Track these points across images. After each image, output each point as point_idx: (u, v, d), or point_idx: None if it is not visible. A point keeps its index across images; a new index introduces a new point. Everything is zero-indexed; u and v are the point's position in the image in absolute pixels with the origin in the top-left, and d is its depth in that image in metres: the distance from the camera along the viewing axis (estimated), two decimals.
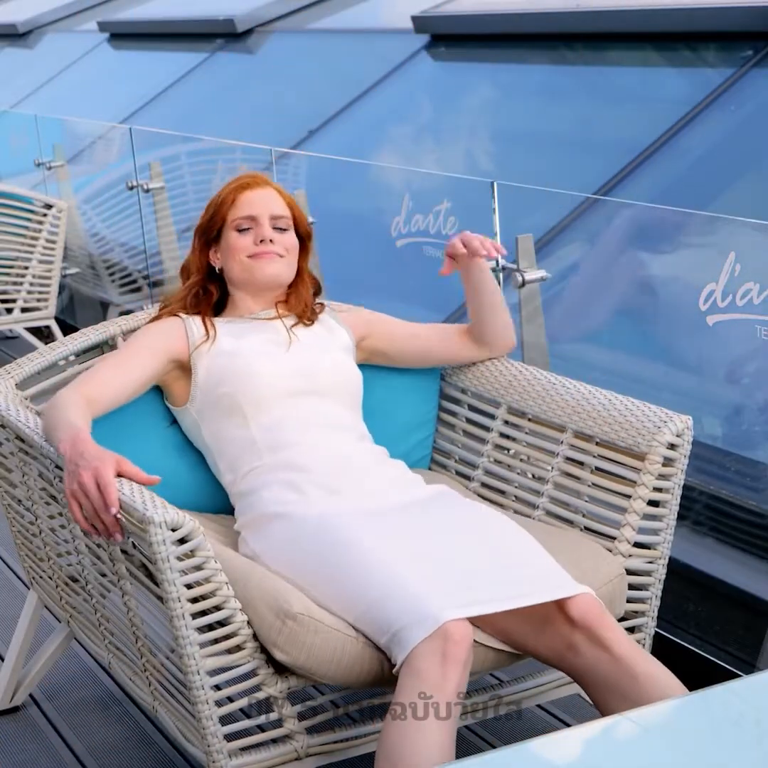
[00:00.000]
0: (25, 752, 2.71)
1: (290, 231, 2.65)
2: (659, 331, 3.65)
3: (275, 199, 2.65)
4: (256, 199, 2.63)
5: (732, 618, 3.05)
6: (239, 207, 2.62)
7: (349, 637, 2.12)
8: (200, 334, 2.58)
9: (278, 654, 2.11)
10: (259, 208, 2.62)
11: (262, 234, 2.59)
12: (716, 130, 4.62)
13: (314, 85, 6.84)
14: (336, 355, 2.61)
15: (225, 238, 2.63)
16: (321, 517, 2.31)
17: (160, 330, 2.60)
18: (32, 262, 5.55)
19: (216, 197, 2.67)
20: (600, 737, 1.54)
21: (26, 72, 9.58)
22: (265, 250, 2.59)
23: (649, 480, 2.37)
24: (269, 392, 2.49)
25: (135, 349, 2.54)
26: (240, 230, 2.61)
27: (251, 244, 2.60)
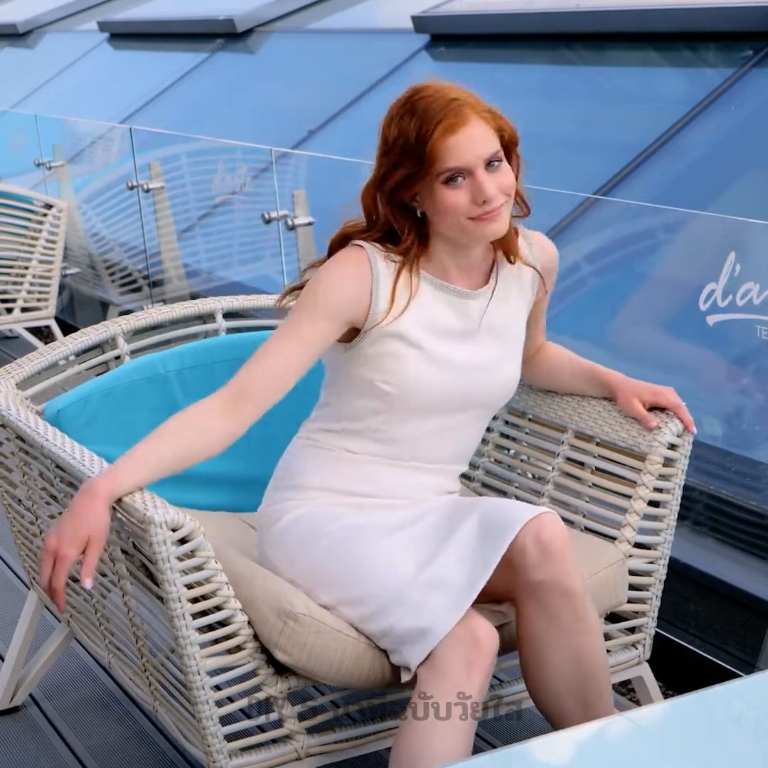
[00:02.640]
0: (25, 752, 2.71)
1: (504, 161, 2.18)
2: (659, 331, 3.64)
3: (484, 134, 2.15)
4: (462, 143, 2.13)
5: (732, 618, 3.05)
6: (444, 158, 2.13)
7: (351, 638, 2.12)
8: (384, 306, 2.21)
9: (279, 654, 2.11)
10: (470, 157, 2.13)
11: (484, 194, 2.13)
12: (716, 130, 4.62)
13: (314, 85, 6.84)
14: (515, 365, 2.35)
15: (431, 191, 2.16)
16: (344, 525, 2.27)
17: (344, 288, 2.19)
18: (32, 262, 5.55)
19: (408, 139, 2.15)
20: (600, 737, 1.54)
21: (26, 72, 9.58)
22: (489, 210, 2.15)
23: (650, 480, 2.37)
24: (427, 404, 2.27)
25: (308, 325, 2.17)
26: (449, 182, 2.15)
27: (469, 202, 2.14)
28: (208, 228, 5.68)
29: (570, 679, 2.16)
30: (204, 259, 5.76)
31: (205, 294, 4.99)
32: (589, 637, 2.16)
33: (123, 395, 2.68)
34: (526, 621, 2.16)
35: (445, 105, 2.14)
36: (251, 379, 2.16)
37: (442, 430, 2.30)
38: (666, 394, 2.40)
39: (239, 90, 7.45)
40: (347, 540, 2.22)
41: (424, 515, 2.29)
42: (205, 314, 2.89)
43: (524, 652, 2.19)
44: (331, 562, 2.21)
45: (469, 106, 2.15)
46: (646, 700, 2.50)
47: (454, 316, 2.27)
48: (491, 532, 2.15)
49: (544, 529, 2.12)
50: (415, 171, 2.14)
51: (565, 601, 2.12)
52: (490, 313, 2.30)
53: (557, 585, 2.11)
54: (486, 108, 2.17)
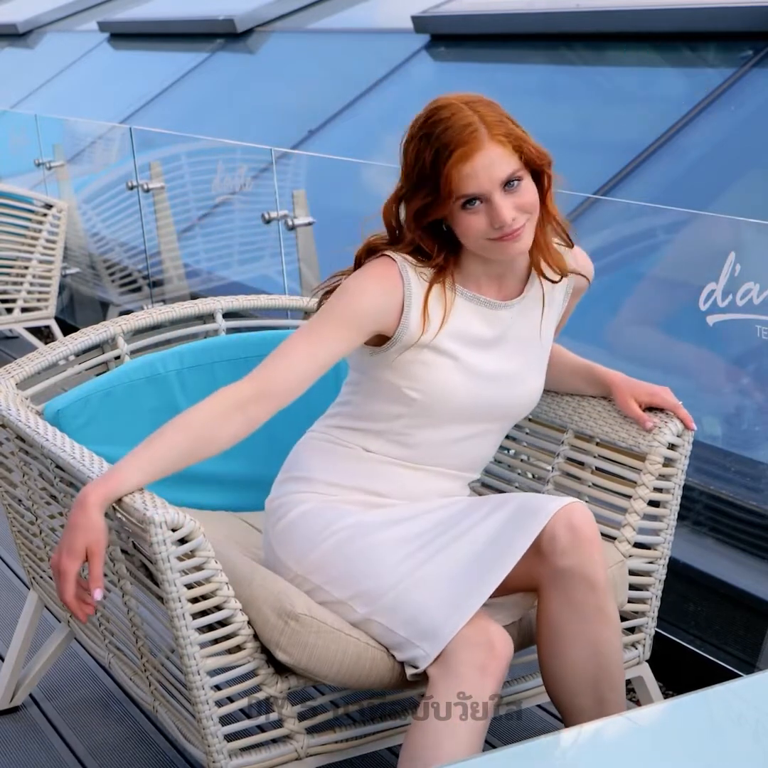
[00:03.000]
0: (25, 752, 2.71)
1: (525, 179, 2.16)
2: (659, 331, 3.64)
3: (499, 158, 2.13)
4: (476, 171, 2.12)
5: (732, 618, 3.05)
6: (459, 186, 2.13)
7: (352, 638, 2.12)
8: (416, 319, 2.20)
9: (280, 655, 2.11)
10: (484, 184, 2.13)
11: (500, 219, 2.12)
12: (716, 130, 4.62)
13: (314, 85, 6.84)
14: (540, 376, 2.36)
15: (451, 214, 2.17)
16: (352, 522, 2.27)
17: (374, 299, 2.18)
18: (32, 262, 5.55)
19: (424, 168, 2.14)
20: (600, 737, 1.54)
21: (26, 72, 9.58)
22: (507, 233, 2.15)
23: (650, 480, 2.37)
24: (452, 413, 2.27)
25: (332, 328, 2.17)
26: (466, 206, 2.15)
27: (487, 226, 2.15)
28: (208, 228, 5.68)
29: (587, 673, 2.17)
30: (204, 259, 5.76)
31: (205, 294, 4.99)
32: (608, 630, 2.17)
33: (123, 395, 2.68)
34: (547, 611, 2.16)
35: (460, 131, 2.12)
36: (273, 378, 2.14)
37: (463, 438, 2.30)
38: (663, 394, 2.40)
39: (239, 90, 7.45)
40: (355, 536, 2.22)
41: (433, 509, 2.29)
42: (205, 314, 2.89)
43: (543, 643, 2.19)
44: (341, 558, 2.21)
45: (485, 128, 2.13)
46: (646, 700, 2.50)
47: (484, 327, 2.27)
48: (521, 520, 2.16)
49: (577, 516, 2.14)
50: (433, 199, 2.14)
51: (589, 591, 2.13)
52: (521, 324, 2.31)
53: (583, 574, 2.12)
54: (503, 130, 2.14)
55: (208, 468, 2.67)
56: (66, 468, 2.25)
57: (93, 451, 2.30)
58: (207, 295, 3.59)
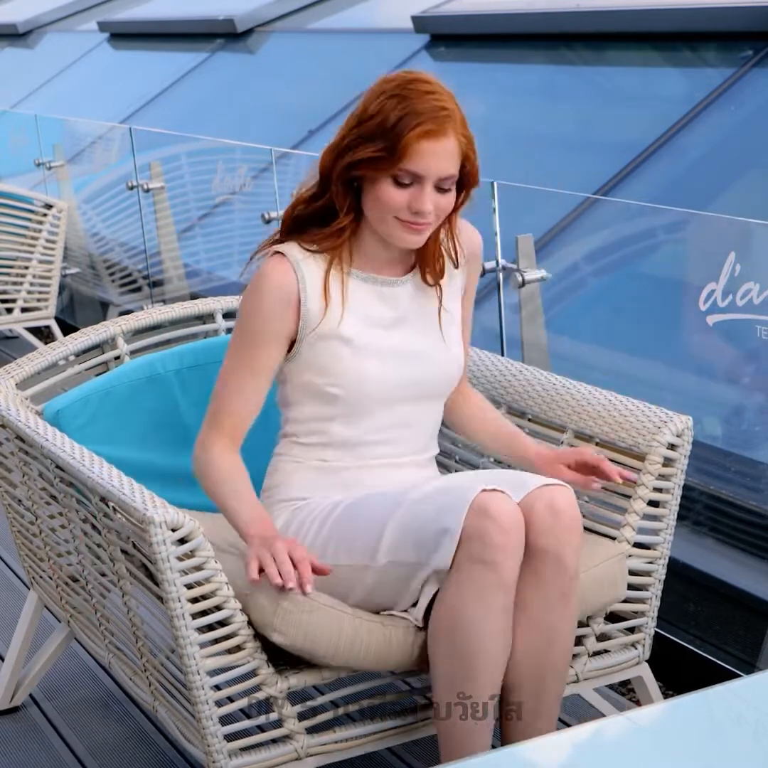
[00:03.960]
0: (25, 752, 2.71)
1: (453, 189, 2.21)
2: (659, 331, 3.65)
3: (452, 155, 2.18)
4: (431, 153, 2.15)
5: (732, 618, 3.05)
6: (412, 158, 2.15)
7: (346, 614, 2.12)
8: (317, 310, 2.25)
9: (276, 636, 2.10)
10: (430, 168, 2.16)
11: (421, 206, 2.16)
12: (716, 130, 4.62)
13: (314, 85, 6.84)
14: (454, 349, 2.36)
15: (378, 179, 2.18)
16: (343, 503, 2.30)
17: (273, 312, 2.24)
18: (32, 262, 5.55)
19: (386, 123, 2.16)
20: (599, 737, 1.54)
21: (26, 72, 9.58)
22: (417, 222, 2.19)
23: (649, 480, 2.37)
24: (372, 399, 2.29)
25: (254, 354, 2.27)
26: (398, 182, 2.17)
27: (405, 206, 2.17)
28: (208, 228, 5.68)
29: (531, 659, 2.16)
30: (204, 259, 5.76)
31: (205, 294, 4.99)
32: (566, 621, 2.17)
33: (122, 395, 2.68)
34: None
35: (434, 109, 2.16)
36: (237, 420, 2.27)
37: (401, 422, 2.32)
38: (588, 451, 2.38)
39: (239, 90, 7.45)
40: (350, 507, 2.25)
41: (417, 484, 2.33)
42: (205, 314, 2.89)
43: None
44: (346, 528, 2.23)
45: (454, 122, 2.18)
46: (646, 700, 2.50)
47: (384, 306, 2.30)
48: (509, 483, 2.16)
49: (560, 498, 2.15)
50: (383, 156, 2.16)
51: (558, 574, 2.14)
52: (419, 299, 2.32)
53: (557, 556, 2.13)
54: (466, 134, 2.20)
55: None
56: (66, 468, 2.26)
57: (93, 451, 2.30)
58: (207, 295, 3.59)
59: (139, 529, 2.03)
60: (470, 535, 2.06)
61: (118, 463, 2.26)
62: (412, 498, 2.18)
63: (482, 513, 2.06)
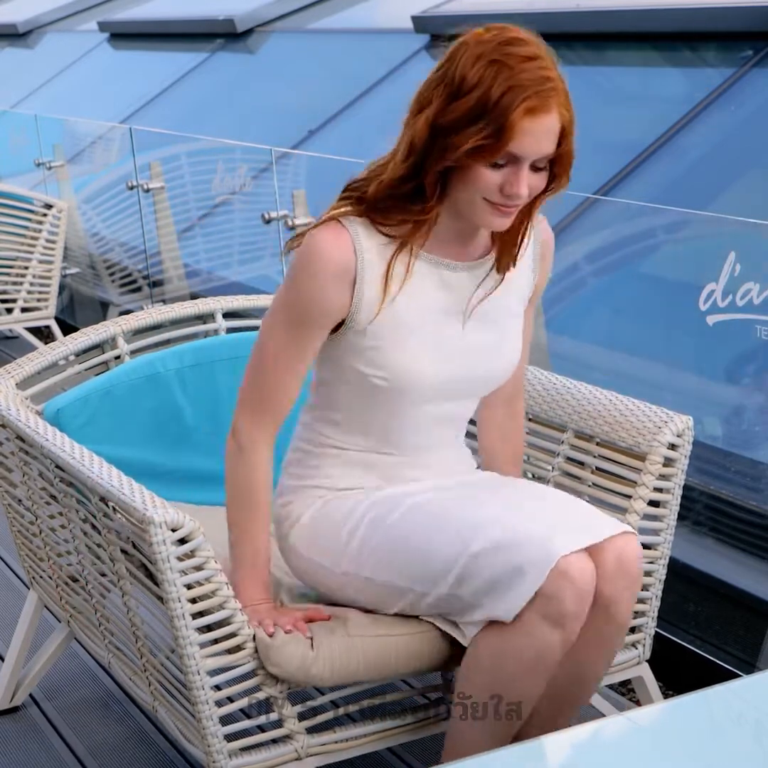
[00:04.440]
0: (25, 752, 2.71)
1: (546, 168, 2.03)
2: (659, 331, 3.64)
3: (553, 132, 1.98)
4: (533, 132, 1.95)
5: (732, 618, 3.04)
6: (516, 140, 1.96)
7: (339, 637, 2.11)
8: (373, 294, 2.08)
9: (271, 668, 2.10)
10: (531, 149, 1.97)
11: (516, 190, 1.99)
12: (716, 130, 4.62)
13: (314, 85, 6.84)
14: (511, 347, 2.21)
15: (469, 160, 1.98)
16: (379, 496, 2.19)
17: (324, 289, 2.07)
18: (32, 262, 5.55)
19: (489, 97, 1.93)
20: (600, 737, 1.54)
21: (26, 72, 9.58)
22: (508, 204, 2.02)
23: (650, 480, 2.37)
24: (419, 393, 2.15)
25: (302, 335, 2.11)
26: (494, 164, 1.98)
27: (497, 187, 1.99)
28: (208, 228, 5.68)
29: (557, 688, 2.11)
30: (204, 259, 5.76)
31: (205, 294, 4.99)
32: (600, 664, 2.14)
33: (122, 395, 2.68)
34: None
35: (539, 81, 1.95)
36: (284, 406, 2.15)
37: (443, 418, 2.21)
38: None
39: (239, 90, 7.45)
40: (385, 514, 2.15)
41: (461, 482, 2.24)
42: (205, 314, 2.89)
43: None
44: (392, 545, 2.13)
45: (558, 95, 1.97)
46: (646, 700, 2.50)
47: (445, 293, 2.13)
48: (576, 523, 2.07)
49: (629, 549, 2.06)
50: (491, 141, 1.95)
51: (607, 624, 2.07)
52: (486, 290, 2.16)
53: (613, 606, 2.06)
54: (568, 108, 1.99)
55: (208, 466, 2.67)
56: (66, 468, 2.26)
57: (93, 450, 2.30)
58: (207, 295, 3.59)
59: (139, 529, 2.03)
60: (545, 594, 1.98)
61: (118, 462, 2.26)
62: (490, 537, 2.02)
63: (561, 575, 1.97)
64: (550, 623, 1.99)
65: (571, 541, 2.00)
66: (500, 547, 2.00)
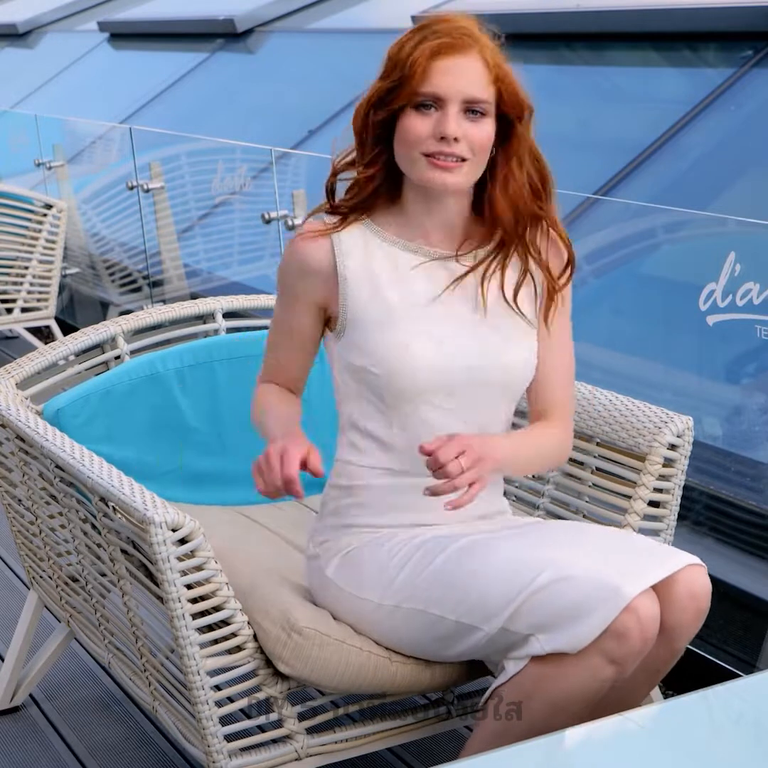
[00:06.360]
0: (25, 752, 2.71)
1: (487, 118, 2.02)
2: (659, 331, 3.64)
3: (477, 74, 2.00)
4: (447, 70, 1.98)
5: (732, 618, 3.04)
6: (424, 78, 1.99)
7: (354, 648, 2.11)
8: (356, 282, 2.08)
9: (282, 667, 2.10)
10: (449, 86, 1.99)
11: (445, 128, 1.99)
12: (716, 130, 4.62)
13: (314, 85, 6.84)
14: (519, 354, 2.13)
15: (401, 114, 2.02)
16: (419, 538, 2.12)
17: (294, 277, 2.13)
18: (32, 262, 5.55)
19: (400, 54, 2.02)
20: (600, 737, 1.54)
21: (26, 72, 9.58)
22: (443, 151, 1.99)
23: (650, 480, 2.37)
24: (420, 388, 2.08)
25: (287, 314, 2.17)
26: (419, 107, 2.01)
27: (429, 133, 1.99)
28: (208, 228, 5.68)
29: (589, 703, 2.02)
30: (204, 259, 5.76)
31: (205, 294, 4.99)
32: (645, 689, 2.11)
33: (122, 394, 2.68)
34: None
35: (453, 30, 2.02)
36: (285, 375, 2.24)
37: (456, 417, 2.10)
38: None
39: (239, 90, 7.45)
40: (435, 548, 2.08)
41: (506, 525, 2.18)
42: (205, 314, 2.89)
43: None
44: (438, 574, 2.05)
45: (478, 44, 2.02)
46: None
47: (431, 283, 2.10)
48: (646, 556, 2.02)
49: (700, 582, 2.03)
50: (394, 85, 2.01)
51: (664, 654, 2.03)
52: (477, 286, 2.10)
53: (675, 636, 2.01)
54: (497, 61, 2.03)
55: (207, 466, 2.67)
56: (66, 468, 2.25)
57: (93, 450, 2.30)
58: (207, 295, 3.59)
59: (140, 529, 2.03)
60: (613, 632, 1.92)
61: (118, 462, 2.26)
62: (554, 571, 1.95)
63: (631, 613, 1.91)
64: (610, 660, 1.94)
65: (641, 578, 1.95)
66: (565, 580, 1.94)
